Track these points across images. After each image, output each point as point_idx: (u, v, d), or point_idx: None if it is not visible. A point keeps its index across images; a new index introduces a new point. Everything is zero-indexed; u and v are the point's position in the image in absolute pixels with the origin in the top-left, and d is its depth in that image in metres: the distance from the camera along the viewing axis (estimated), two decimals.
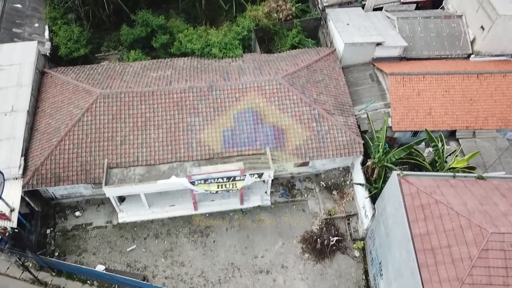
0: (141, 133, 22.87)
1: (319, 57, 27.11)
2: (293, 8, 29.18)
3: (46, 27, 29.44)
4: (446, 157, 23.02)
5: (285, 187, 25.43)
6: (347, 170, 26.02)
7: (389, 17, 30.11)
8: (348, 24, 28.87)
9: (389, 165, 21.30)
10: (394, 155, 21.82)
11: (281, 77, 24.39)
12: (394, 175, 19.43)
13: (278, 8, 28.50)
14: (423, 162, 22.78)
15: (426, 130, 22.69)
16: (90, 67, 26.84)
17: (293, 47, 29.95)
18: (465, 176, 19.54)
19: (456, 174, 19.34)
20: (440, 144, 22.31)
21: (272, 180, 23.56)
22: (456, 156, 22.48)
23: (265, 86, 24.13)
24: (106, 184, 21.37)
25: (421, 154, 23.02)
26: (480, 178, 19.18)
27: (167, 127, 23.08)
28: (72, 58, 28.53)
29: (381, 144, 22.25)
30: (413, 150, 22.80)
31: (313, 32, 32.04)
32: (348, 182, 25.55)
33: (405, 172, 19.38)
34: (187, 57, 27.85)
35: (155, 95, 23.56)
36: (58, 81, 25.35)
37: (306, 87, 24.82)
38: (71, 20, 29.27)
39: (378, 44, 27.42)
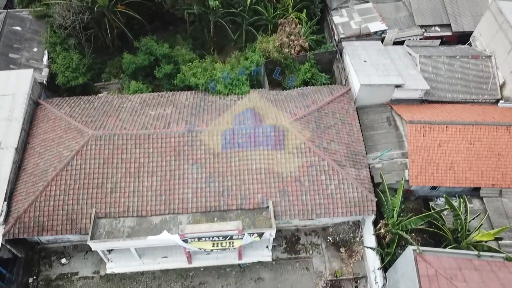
0: (133, 180, 21.09)
1: (332, 97, 24.96)
2: (306, 44, 27.05)
3: (46, 52, 27.99)
4: (470, 221, 20.64)
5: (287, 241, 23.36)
6: (357, 225, 23.82)
7: (410, 54, 27.81)
8: (365, 61, 26.67)
9: (404, 235, 18.99)
10: (411, 222, 19.54)
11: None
12: (409, 250, 17.21)
13: (290, 42, 26.44)
14: (443, 226, 20.42)
15: (445, 197, 20.36)
16: (87, 99, 25.24)
17: (305, 82, 27.87)
18: (491, 256, 17.18)
19: (481, 253, 17.00)
20: (462, 210, 19.94)
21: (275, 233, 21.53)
22: (481, 224, 20.03)
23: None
24: (92, 238, 19.64)
25: (441, 218, 20.66)
26: (509, 259, 16.81)
27: (161, 175, 21.25)
28: (70, 86, 26.98)
29: (395, 209, 19.99)
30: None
31: (328, 65, 29.89)
32: (358, 239, 23.34)
33: (422, 248, 17.12)
34: (190, 91, 26.04)
35: (151, 139, 21.77)
36: (51, 115, 23.80)
37: (315, 134, 22.72)
38: (71, 46, 27.75)
39: (398, 86, 25.16)
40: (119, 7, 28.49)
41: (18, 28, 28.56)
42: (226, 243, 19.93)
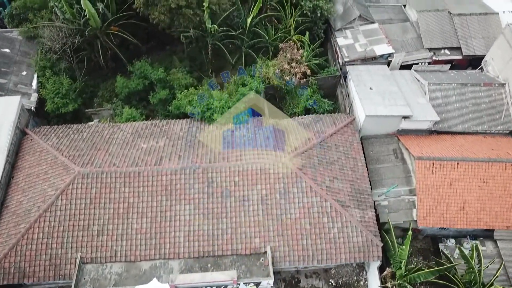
0: (121, 222, 19.71)
1: (336, 129, 23.51)
2: (308, 71, 25.57)
3: (35, 75, 26.72)
4: (485, 268, 19.14)
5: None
6: (361, 267, 22.35)
7: (418, 80, 26.31)
8: (371, 89, 25.21)
9: None
10: (420, 276, 18.05)
11: (289, 159, 20.90)
12: None
13: (291, 69, 24.99)
14: (455, 277, 18.90)
15: (459, 248, 18.87)
16: (76, 128, 23.91)
17: (307, 109, 26.43)
18: None
19: None
20: (475, 260, 18.43)
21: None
22: (497, 276, 18.50)
23: (270, 169, 20.68)
24: (76, 286, 18.27)
25: (454, 271, 19.11)
26: None
27: (152, 216, 19.86)
28: (60, 113, 25.68)
29: (403, 261, 18.49)
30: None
31: (331, 89, 28.47)
32: (362, 283, 21.85)
33: None
34: (185, 119, 24.68)
35: (141, 176, 20.39)
36: (37, 147, 22.48)
37: (318, 170, 21.27)
38: (62, 70, 26.42)
39: (405, 117, 23.68)
40: (112, 28, 27.19)
41: (7, 50, 27.29)
42: None
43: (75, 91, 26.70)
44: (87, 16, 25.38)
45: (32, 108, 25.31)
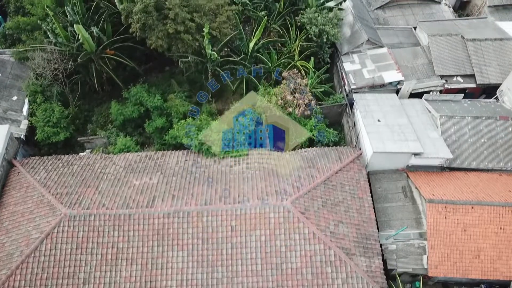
0: (110, 270, 18.35)
1: (341, 165, 22.05)
2: (313, 102, 24.13)
3: (26, 100, 25.53)
4: None
5: None
6: None
7: (429, 111, 24.82)
8: (379, 121, 23.78)
9: None
10: None
11: (291, 202, 19.47)
12: None
13: (295, 101, 23.56)
14: None
15: None
16: (67, 160, 22.65)
17: (311, 141, 25.01)
18: None
19: None
20: None
21: None
22: None
23: (270, 213, 19.28)
24: None
25: None
26: None
27: (142, 263, 18.49)
28: (51, 142, 24.45)
29: None
30: None
31: (337, 117, 27.02)
32: None
33: None
34: (182, 151, 23.35)
35: (132, 219, 19.05)
36: (24, 181, 21.21)
37: (321, 214, 19.82)
38: (54, 96, 25.18)
39: (416, 154, 22.21)
40: (107, 52, 25.93)
41: None
42: None
43: (68, 117, 25.47)
44: (81, 40, 24.17)
45: (22, 137, 24.09)
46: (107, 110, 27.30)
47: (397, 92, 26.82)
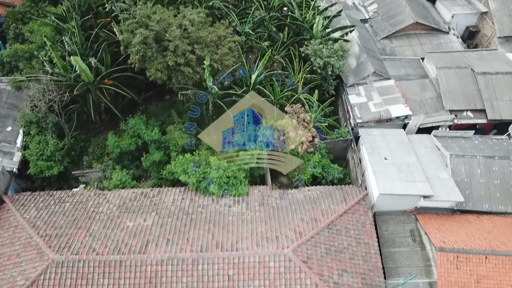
0: None
1: (346, 207, 20.95)
2: (316, 140, 23.15)
3: (21, 131, 24.74)
4: None
5: None
6: None
7: (439, 149, 23.74)
8: (386, 159, 22.72)
9: None
10: None
11: (292, 250, 18.31)
12: None
13: (298, 138, 22.60)
14: None
15: None
16: (59, 197, 21.69)
17: (314, 178, 23.96)
18: None
19: None
20: None
21: None
22: None
23: (269, 262, 18.12)
24: None
25: None
26: None
27: None
28: (44, 176, 23.58)
29: None
30: None
31: (342, 152, 25.99)
32: None
33: None
34: (179, 188, 22.36)
35: (123, 266, 17.94)
36: (13, 220, 20.25)
37: (324, 262, 18.63)
38: (49, 128, 24.37)
39: (425, 196, 21.08)
40: (106, 82, 25.21)
41: None
42: None
43: (63, 148, 24.62)
44: (78, 72, 23.48)
45: (14, 170, 23.20)
46: (104, 141, 26.41)
47: (405, 126, 25.85)
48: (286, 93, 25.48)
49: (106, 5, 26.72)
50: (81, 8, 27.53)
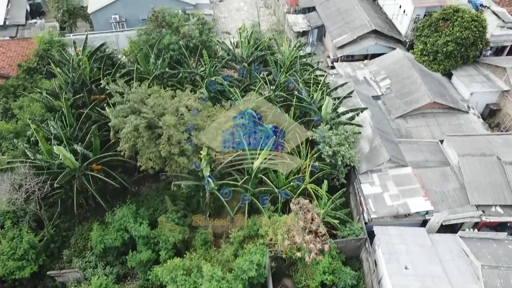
0: None
1: None
2: (326, 246, 20.10)
3: None
4: None
5: None
6: None
7: (467, 255, 20.61)
8: (406, 268, 19.61)
9: None
10: None
11: None
12: None
13: (305, 243, 19.67)
14: None
15: None
16: None
17: (324, 284, 20.80)
18: None
19: None
20: None
21: None
22: None
23: None
24: None
25: None
26: None
27: None
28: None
29: None
30: None
31: (355, 251, 22.90)
32: None
33: None
34: None
35: None
36: None
37: None
38: (25, 221, 21.82)
39: None
40: (94, 167, 22.98)
41: None
42: None
43: (42, 240, 21.98)
44: (62, 160, 21.31)
45: None
46: (88, 231, 23.84)
47: (425, 222, 22.92)
48: (292, 183, 22.90)
49: (102, 81, 25.12)
50: (74, 85, 25.97)
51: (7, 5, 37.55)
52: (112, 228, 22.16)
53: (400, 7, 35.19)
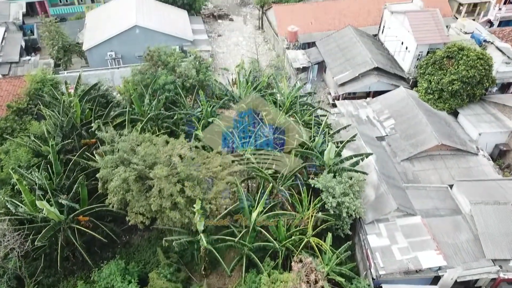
0: None
1: None
2: None
3: None
4: None
5: None
6: None
7: None
8: None
9: None
10: None
11: None
12: None
13: None
14: None
15: None
16: None
17: None
18: None
19: None
20: None
21: None
22: None
23: None
24: None
25: None
26: None
27: None
28: None
29: None
30: None
31: None
32: None
33: None
34: None
35: None
36: None
37: None
38: (3, 281, 20.08)
39: None
40: (80, 218, 21.41)
41: None
42: None
43: None
44: (46, 214, 19.78)
45: None
46: (74, 286, 21.98)
47: (437, 277, 21.15)
48: (294, 237, 21.25)
49: (93, 124, 23.93)
50: (64, 129, 24.74)
51: (1, 41, 36.89)
52: (97, 286, 20.40)
53: (402, 43, 34.43)
